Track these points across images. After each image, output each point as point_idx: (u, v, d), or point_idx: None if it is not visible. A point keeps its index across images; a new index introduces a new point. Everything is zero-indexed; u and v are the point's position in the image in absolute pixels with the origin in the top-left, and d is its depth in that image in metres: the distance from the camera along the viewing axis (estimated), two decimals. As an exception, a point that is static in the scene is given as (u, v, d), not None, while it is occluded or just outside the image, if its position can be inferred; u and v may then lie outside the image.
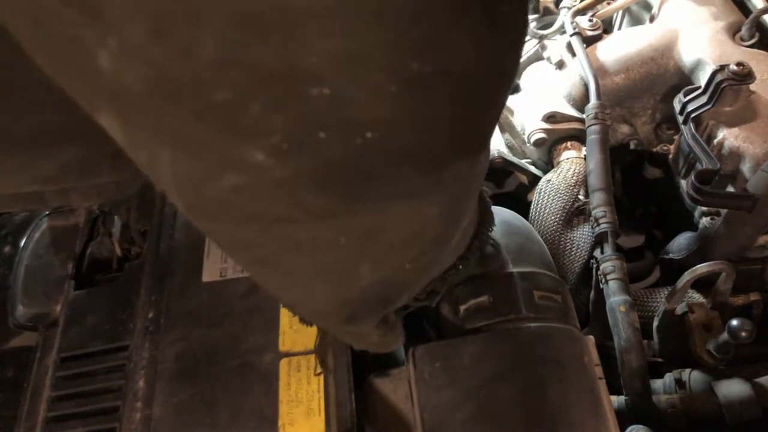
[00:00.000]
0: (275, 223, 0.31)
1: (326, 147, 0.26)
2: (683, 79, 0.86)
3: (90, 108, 0.27)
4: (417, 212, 0.33)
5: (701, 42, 0.84)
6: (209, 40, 0.22)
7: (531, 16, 1.08)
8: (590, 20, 0.96)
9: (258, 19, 0.21)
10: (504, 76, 0.30)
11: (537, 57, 1.06)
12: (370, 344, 0.49)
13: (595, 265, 0.76)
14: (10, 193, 0.50)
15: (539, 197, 0.86)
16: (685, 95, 0.79)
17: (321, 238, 0.32)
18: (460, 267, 0.50)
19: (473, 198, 0.40)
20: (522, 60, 1.07)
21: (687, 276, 0.68)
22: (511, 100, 1.00)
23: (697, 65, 0.83)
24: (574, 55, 0.93)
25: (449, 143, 0.30)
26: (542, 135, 0.91)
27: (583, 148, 0.89)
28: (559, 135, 0.92)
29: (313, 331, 0.56)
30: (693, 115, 0.77)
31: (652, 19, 0.97)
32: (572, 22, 0.95)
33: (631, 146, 0.93)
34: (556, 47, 1.00)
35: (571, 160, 0.89)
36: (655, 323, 0.74)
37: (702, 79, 0.80)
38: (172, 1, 0.21)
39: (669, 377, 0.71)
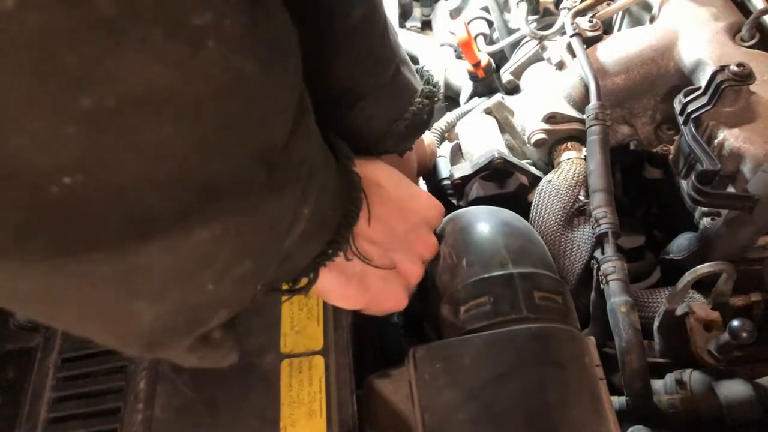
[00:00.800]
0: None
1: (7, 202, 0.24)
2: (683, 80, 0.86)
3: None
4: (191, 242, 0.30)
5: (701, 43, 0.84)
6: None
7: (531, 17, 1.08)
8: (590, 21, 0.96)
9: None
10: (249, 84, 0.28)
11: (537, 58, 1.06)
12: (192, 364, 0.43)
13: (595, 266, 0.76)
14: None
15: (539, 198, 0.86)
16: (686, 96, 0.79)
17: (57, 289, 0.29)
18: (330, 252, 0.47)
19: (286, 200, 0.36)
20: (522, 61, 1.07)
21: (688, 276, 0.68)
22: (512, 101, 1.00)
23: (698, 66, 0.83)
24: (574, 55, 0.93)
25: (205, 166, 0.28)
26: (542, 135, 0.91)
27: (584, 149, 0.89)
28: (560, 136, 0.92)
29: (314, 332, 0.56)
30: (693, 116, 0.77)
31: (652, 20, 0.97)
32: (572, 23, 0.95)
33: (632, 147, 0.93)
34: (556, 48, 1.00)
35: (571, 160, 0.89)
36: (656, 324, 0.74)
37: (702, 80, 0.80)
38: None
39: (670, 378, 0.71)
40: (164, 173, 0.27)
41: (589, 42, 0.94)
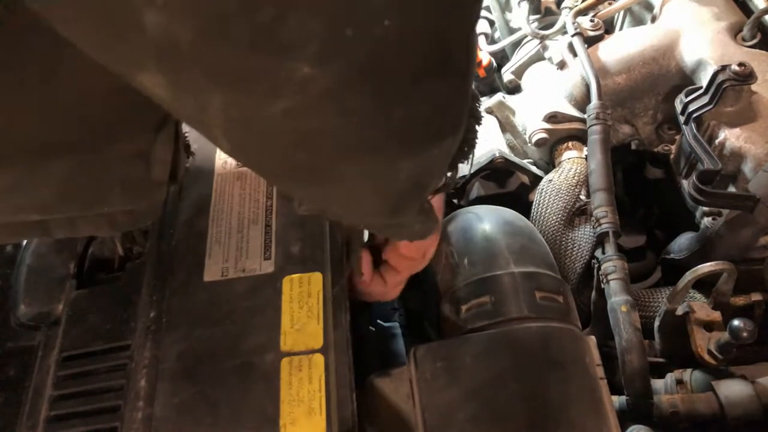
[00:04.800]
0: (326, 136, 0.33)
1: (356, 43, 0.27)
2: (685, 80, 0.86)
3: (133, 70, 0.28)
4: (438, 93, 0.34)
5: (703, 42, 0.84)
6: None
7: (532, 17, 1.08)
8: (592, 20, 0.96)
9: None
10: None
11: (538, 57, 1.06)
12: (412, 233, 0.52)
13: (596, 265, 0.76)
14: (7, 221, 0.48)
15: (540, 197, 0.86)
16: (687, 95, 0.79)
17: (366, 140, 0.34)
18: (465, 149, 0.53)
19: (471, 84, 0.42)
20: (523, 60, 1.07)
21: (688, 276, 0.68)
22: (513, 100, 1.00)
23: (699, 65, 0.83)
24: (575, 55, 0.93)
25: (453, 29, 0.31)
26: (543, 135, 0.91)
27: (585, 148, 0.89)
28: (561, 135, 0.92)
29: (314, 331, 0.56)
30: (694, 116, 0.77)
31: (653, 20, 0.97)
32: (574, 23, 0.95)
33: (633, 146, 0.93)
34: (557, 47, 1.00)
35: (572, 160, 0.89)
36: (657, 323, 0.74)
37: (703, 80, 0.80)
38: None
39: (670, 377, 0.71)
40: (433, 28, 0.30)
41: (591, 41, 0.94)
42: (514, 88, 1.10)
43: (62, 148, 0.30)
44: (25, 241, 0.71)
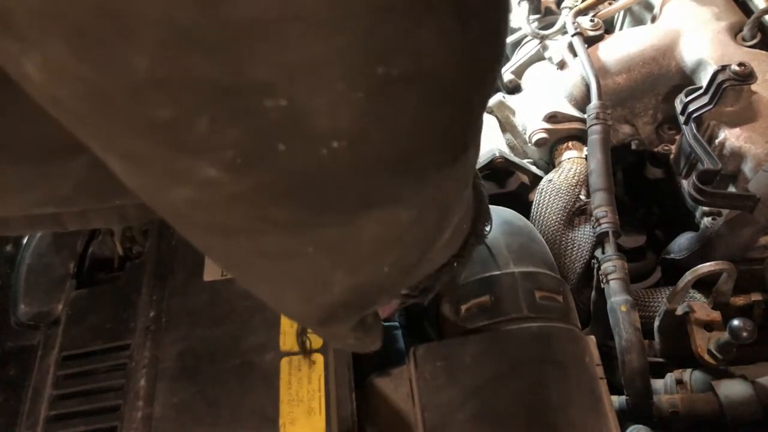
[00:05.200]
0: (237, 233, 0.30)
1: (287, 159, 0.25)
2: (685, 80, 0.86)
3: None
4: (394, 219, 0.32)
5: (703, 42, 0.84)
6: (144, 57, 0.21)
7: (532, 17, 1.08)
8: (592, 20, 0.96)
9: (199, 34, 0.20)
10: (481, 74, 0.29)
11: (538, 57, 1.06)
12: (346, 345, 0.48)
13: (596, 265, 0.76)
14: (25, 214, 0.48)
15: (540, 197, 0.86)
16: (687, 95, 0.79)
17: (288, 248, 0.31)
18: (455, 264, 0.48)
19: (459, 199, 0.38)
20: (523, 60, 1.07)
21: (688, 276, 0.68)
22: (513, 100, 1.00)
23: (699, 65, 0.83)
24: (575, 55, 0.93)
25: (426, 148, 0.29)
26: (543, 135, 0.91)
27: (585, 148, 0.89)
28: (561, 135, 0.92)
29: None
30: (694, 116, 0.77)
31: (653, 20, 0.97)
32: (574, 23, 0.95)
33: (633, 146, 0.93)
34: (557, 47, 1.00)
35: (572, 160, 0.89)
36: (656, 323, 0.74)
37: (703, 80, 0.80)
38: (96, 17, 0.20)
39: (670, 377, 0.71)
40: (401, 151, 0.28)
41: (591, 41, 0.94)
42: (514, 88, 1.10)
43: (80, 146, 0.29)
44: (25, 241, 0.71)
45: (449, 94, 0.27)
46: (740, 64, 0.74)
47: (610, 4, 1.00)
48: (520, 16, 1.07)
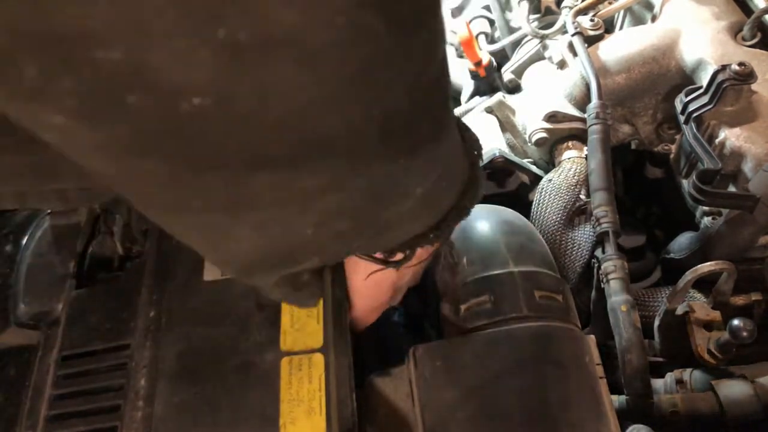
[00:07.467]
0: (124, 184, 0.31)
1: (141, 112, 0.25)
2: (685, 79, 0.86)
3: None
4: (293, 183, 0.32)
5: (703, 42, 0.84)
6: None
7: (532, 16, 1.08)
8: (592, 20, 0.96)
9: None
10: (374, 42, 0.28)
11: (538, 57, 1.06)
12: (276, 298, 0.49)
13: (596, 265, 0.76)
14: None
15: (540, 197, 0.86)
16: (687, 95, 0.79)
17: (177, 202, 0.32)
18: (431, 236, 0.47)
19: (398, 171, 0.37)
20: (523, 60, 1.07)
21: (688, 276, 0.68)
22: (513, 100, 1.00)
23: (699, 65, 0.83)
24: (575, 54, 0.93)
25: (321, 115, 0.29)
26: (543, 134, 0.91)
27: (585, 148, 0.89)
28: (561, 134, 0.92)
29: (314, 330, 0.56)
30: (694, 115, 0.77)
31: (653, 19, 0.97)
32: (574, 22, 0.95)
33: (633, 146, 0.93)
34: (557, 47, 1.00)
35: (572, 159, 0.89)
36: (656, 323, 0.74)
37: (703, 79, 0.80)
38: None
39: (670, 377, 0.71)
40: (279, 115, 0.28)
41: (591, 41, 0.94)
42: (514, 88, 1.10)
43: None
44: (24, 241, 0.71)
45: (333, 61, 0.27)
46: (740, 64, 0.74)
47: (610, 3, 1.00)
48: (520, 16, 1.07)
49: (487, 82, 1.12)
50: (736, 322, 0.65)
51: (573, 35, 0.94)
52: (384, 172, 0.36)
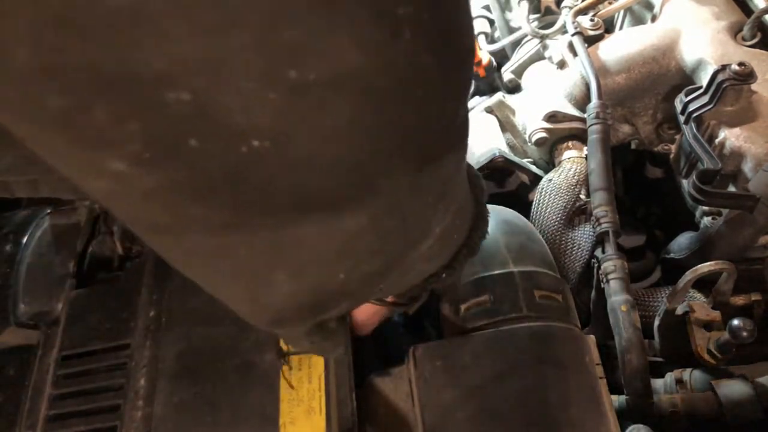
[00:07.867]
0: (165, 231, 0.30)
1: (202, 156, 0.25)
2: (685, 79, 0.86)
3: None
4: (337, 226, 0.31)
5: (703, 42, 0.84)
6: (21, 45, 0.20)
7: (532, 16, 1.08)
8: (592, 20, 0.96)
9: (72, 18, 0.20)
10: (428, 84, 0.28)
11: (538, 56, 1.06)
12: (303, 348, 0.48)
13: (596, 265, 0.76)
14: None
15: (540, 197, 0.86)
16: (687, 95, 0.79)
17: (218, 248, 0.31)
18: (444, 276, 0.47)
19: (428, 210, 0.37)
20: (523, 60, 1.07)
21: (688, 276, 0.68)
22: (513, 100, 1.00)
23: (699, 65, 0.83)
24: (575, 54, 0.93)
25: (370, 154, 0.28)
26: (543, 134, 0.91)
27: (585, 148, 0.89)
28: (561, 134, 0.92)
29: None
30: (694, 115, 0.77)
31: (653, 19, 0.97)
32: (574, 22, 0.95)
33: (633, 146, 0.93)
34: (557, 47, 1.00)
35: (572, 159, 0.89)
36: (656, 323, 0.74)
37: (703, 79, 0.80)
38: None
39: (670, 377, 0.71)
40: (333, 156, 0.27)
41: (591, 41, 0.94)
42: (514, 88, 1.10)
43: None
44: (24, 241, 0.71)
45: (390, 101, 0.27)
46: (740, 64, 0.74)
47: (610, 3, 1.00)
48: (520, 16, 1.07)
49: (487, 82, 1.12)
50: (736, 322, 0.65)
51: (573, 35, 0.94)
52: (416, 210, 0.35)
